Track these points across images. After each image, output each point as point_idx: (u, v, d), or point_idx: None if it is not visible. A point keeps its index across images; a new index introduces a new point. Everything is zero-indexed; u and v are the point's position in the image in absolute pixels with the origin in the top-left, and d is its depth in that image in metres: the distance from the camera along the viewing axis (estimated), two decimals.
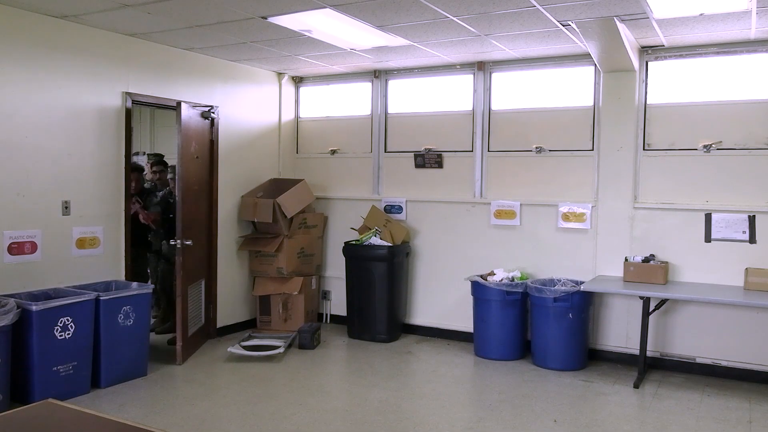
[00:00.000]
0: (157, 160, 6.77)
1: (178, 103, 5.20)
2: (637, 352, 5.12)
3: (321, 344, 5.97)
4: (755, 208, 4.98)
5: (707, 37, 4.87)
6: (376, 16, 4.44)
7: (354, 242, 6.22)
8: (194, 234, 5.48)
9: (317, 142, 7.02)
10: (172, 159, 7.13)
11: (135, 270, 5.90)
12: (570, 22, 4.50)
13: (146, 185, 6.52)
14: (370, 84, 6.65)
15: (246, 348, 5.51)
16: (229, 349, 5.41)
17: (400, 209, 6.45)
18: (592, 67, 5.52)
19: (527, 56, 5.68)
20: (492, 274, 5.71)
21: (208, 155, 6.02)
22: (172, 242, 5.29)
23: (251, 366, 5.25)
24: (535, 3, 4.07)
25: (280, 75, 6.86)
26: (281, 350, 5.51)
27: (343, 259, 6.32)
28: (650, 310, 4.97)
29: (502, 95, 6.01)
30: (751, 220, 4.98)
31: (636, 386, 4.87)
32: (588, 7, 4.14)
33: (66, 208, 4.80)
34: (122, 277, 5.21)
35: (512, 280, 5.58)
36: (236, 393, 4.60)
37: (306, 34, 5.00)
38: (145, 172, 6.70)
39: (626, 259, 5.27)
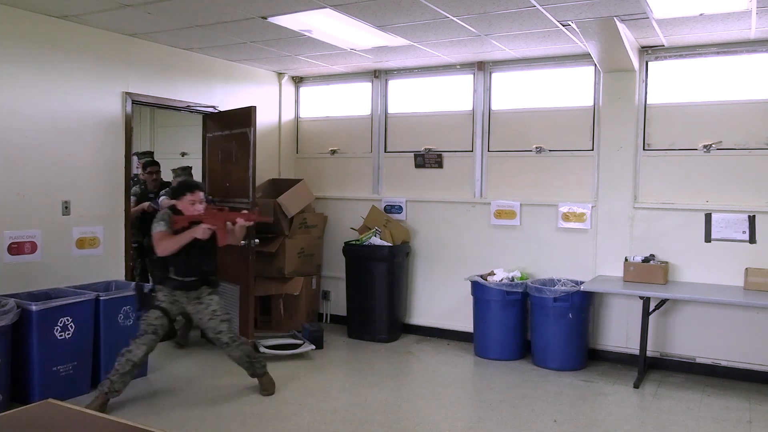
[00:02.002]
0: (152, 160, 6.51)
1: (253, 108, 5.38)
2: (637, 352, 5.12)
3: (321, 346, 5.96)
4: (755, 208, 4.98)
5: (707, 37, 4.87)
6: (376, 16, 4.44)
7: (354, 242, 6.22)
8: None
9: (317, 142, 7.02)
10: (164, 159, 7.08)
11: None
12: (570, 22, 4.50)
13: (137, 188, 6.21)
14: (370, 84, 6.65)
15: (268, 348, 5.52)
16: (261, 349, 5.42)
17: (400, 209, 6.44)
18: (592, 67, 5.52)
19: (527, 56, 5.68)
20: (492, 274, 5.71)
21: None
22: (243, 242, 5.20)
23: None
24: (535, 3, 4.07)
25: (280, 75, 6.86)
26: (312, 347, 5.58)
27: (343, 259, 6.32)
28: (650, 310, 4.97)
29: (502, 95, 6.00)
30: (751, 220, 4.98)
31: (636, 386, 4.87)
32: (588, 7, 4.14)
33: (66, 208, 4.80)
34: (122, 277, 5.21)
35: (512, 280, 5.58)
36: (236, 393, 4.60)
37: (306, 34, 5.00)
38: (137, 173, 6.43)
39: (626, 259, 5.27)
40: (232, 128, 5.65)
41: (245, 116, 5.41)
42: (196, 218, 4.24)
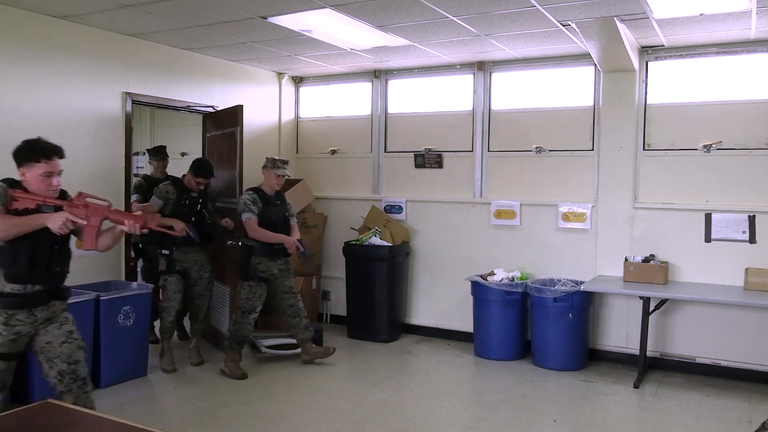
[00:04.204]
0: (157, 147, 6.07)
1: (240, 107, 5.33)
2: (637, 352, 5.12)
3: (321, 344, 5.96)
4: (755, 208, 4.98)
5: (707, 37, 4.87)
6: (376, 16, 4.44)
7: (354, 242, 6.22)
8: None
9: (317, 142, 7.02)
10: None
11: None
12: (570, 22, 4.50)
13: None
14: (370, 84, 6.65)
15: (269, 348, 5.53)
16: (263, 350, 5.45)
17: (400, 209, 6.44)
18: (592, 67, 5.52)
19: (527, 56, 5.68)
20: (492, 274, 5.71)
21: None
22: (230, 242, 5.12)
23: (250, 366, 5.24)
24: (535, 3, 4.07)
25: (280, 75, 6.86)
26: (312, 347, 5.51)
27: (343, 259, 6.32)
28: (650, 310, 4.97)
29: (502, 95, 6.00)
30: (751, 220, 4.98)
31: (636, 386, 4.87)
32: (588, 7, 4.14)
33: None
34: (122, 277, 5.21)
35: (512, 280, 5.58)
36: (236, 393, 4.60)
37: (306, 34, 5.00)
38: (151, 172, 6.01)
39: (626, 259, 5.27)
40: (224, 128, 5.66)
41: (234, 116, 5.41)
42: (53, 202, 2.99)
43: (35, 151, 2.99)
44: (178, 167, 6.40)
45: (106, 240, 3.14)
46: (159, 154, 5.95)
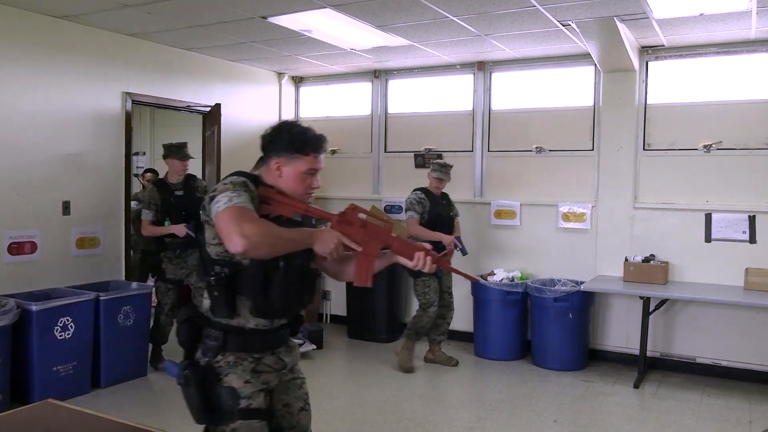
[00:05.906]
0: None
1: (217, 105, 5.43)
2: (637, 352, 5.12)
3: (321, 345, 5.95)
4: (755, 208, 4.98)
5: (707, 37, 4.87)
6: (376, 16, 4.44)
7: None
8: None
9: None
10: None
11: None
12: (570, 22, 4.50)
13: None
14: (370, 84, 6.65)
15: None
16: None
17: (400, 209, 6.44)
18: (592, 67, 5.52)
19: (527, 56, 5.68)
20: (492, 274, 5.71)
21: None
22: None
23: None
24: (535, 3, 4.07)
25: (280, 75, 6.86)
26: (312, 347, 5.61)
27: None
28: (650, 310, 4.97)
29: (502, 95, 6.00)
30: (751, 220, 4.98)
31: (636, 386, 4.87)
32: (588, 7, 4.14)
33: (66, 208, 4.80)
34: (122, 277, 5.21)
35: (512, 280, 5.58)
36: None
37: (306, 34, 5.00)
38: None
39: (626, 259, 5.27)
40: (212, 126, 5.72)
41: (214, 115, 5.49)
42: (321, 214, 2.17)
43: (306, 141, 2.13)
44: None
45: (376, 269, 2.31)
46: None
